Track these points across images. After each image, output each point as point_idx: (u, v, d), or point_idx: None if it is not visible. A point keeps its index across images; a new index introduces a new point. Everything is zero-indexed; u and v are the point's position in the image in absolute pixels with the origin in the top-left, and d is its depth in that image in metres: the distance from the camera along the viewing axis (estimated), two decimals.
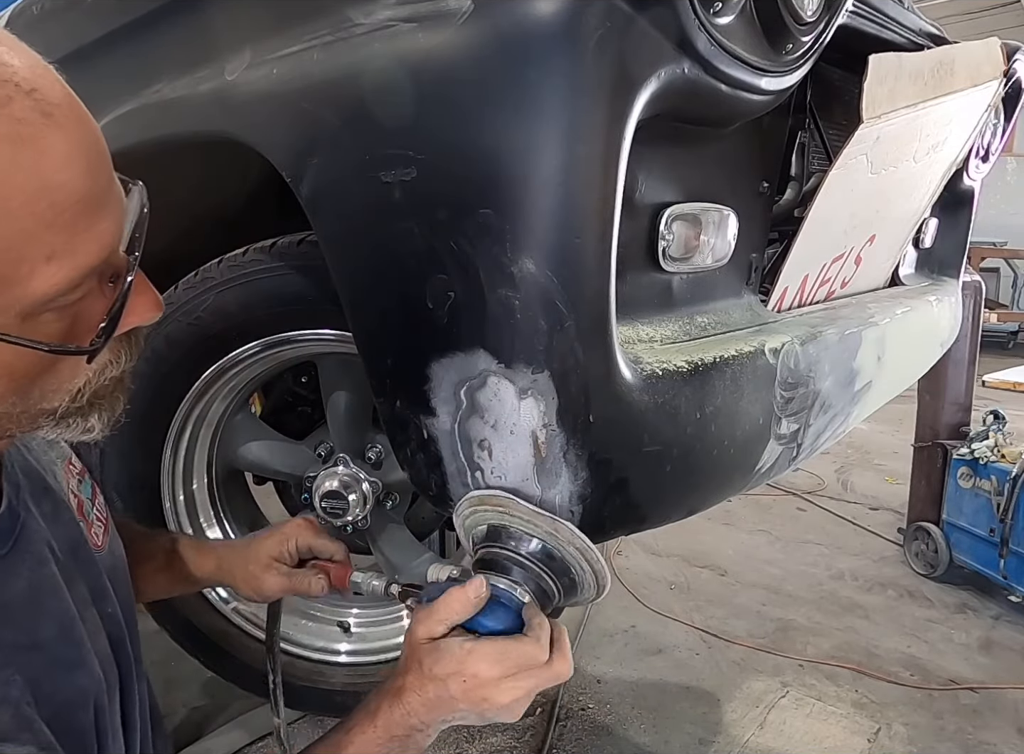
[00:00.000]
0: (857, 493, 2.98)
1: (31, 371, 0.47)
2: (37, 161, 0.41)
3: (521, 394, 0.73)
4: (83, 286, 0.46)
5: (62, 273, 0.43)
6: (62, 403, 0.50)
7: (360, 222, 0.78)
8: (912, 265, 1.68)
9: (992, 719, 1.61)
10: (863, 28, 1.03)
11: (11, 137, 0.40)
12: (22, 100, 0.41)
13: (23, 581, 0.53)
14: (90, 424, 0.53)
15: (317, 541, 0.91)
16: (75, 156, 0.43)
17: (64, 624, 0.55)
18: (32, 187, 0.41)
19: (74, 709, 0.53)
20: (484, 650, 0.64)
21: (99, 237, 0.45)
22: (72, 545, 0.62)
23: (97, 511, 0.70)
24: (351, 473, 1.28)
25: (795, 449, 0.99)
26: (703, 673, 1.76)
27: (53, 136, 0.42)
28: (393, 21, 0.72)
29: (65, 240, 0.43)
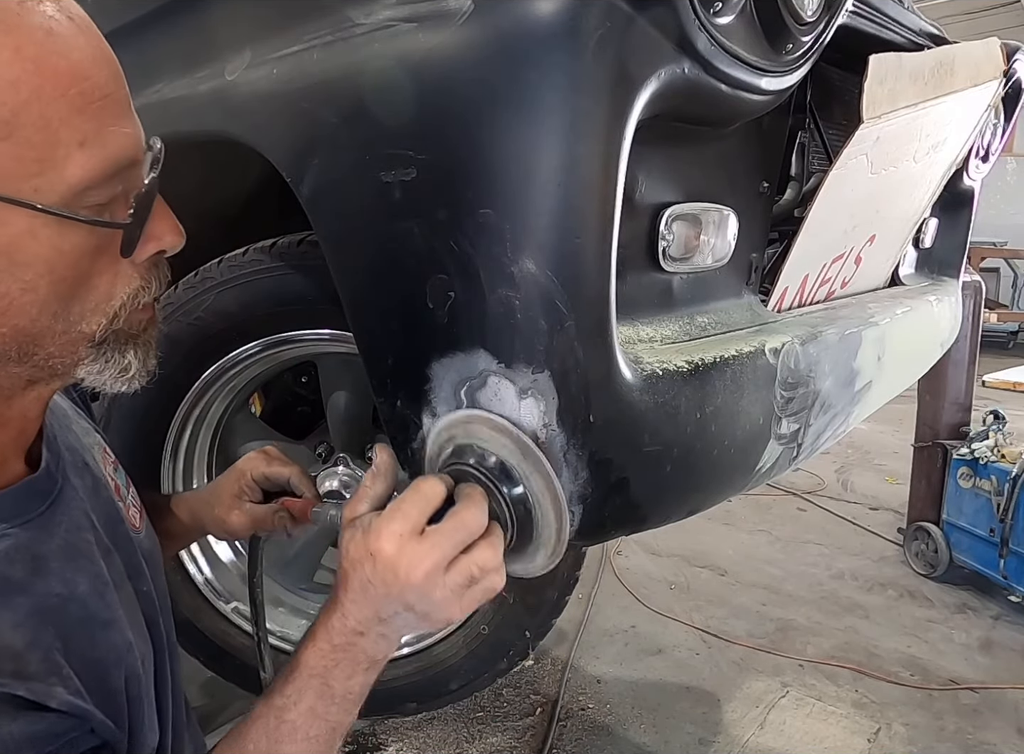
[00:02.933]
0: (857, 493, 2.98)
1: (72, 267, 0.48)
2: (68, 52, 0.45)
3: (521, 394, 0.73)
4: (111, 185, 0.48)
5: (94, 161, 0.46)
6: (100, 325, 0.52)
7: (360, 222, 0.78)
8: (912, 265, 1.68)
9: (992, 719, 1.61)
10: (863, 28, 1.03)
11: (45, 28, 0.44)
12: (51, 2, 0.45)
13: (59, 540, 0.54)
14: (127, 361, 0.55)
15: (270, 469, 0.89)
16: (102, 60, 0.47)
17: (97, 586, 0.55)
18: (65, 73, 0.45)
19: (106, 667, 0.53)
20: (389, 517, 0.57)
21: (125, 137, 0.49)
22: (110, 521, 0.62)
23: (132, 498, 0.71)
24: (351, 473, 1.28)
25: (795, 449, 0.99)
26: (703, 673, 1.76)
27: (81, 36, 0.46)
28: (393, 21, 0.72)
29: (95, 129, 0.46)
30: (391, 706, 1.44)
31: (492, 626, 1.32)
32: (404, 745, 1.49)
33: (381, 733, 1.52)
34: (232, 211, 1.19)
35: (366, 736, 1.51)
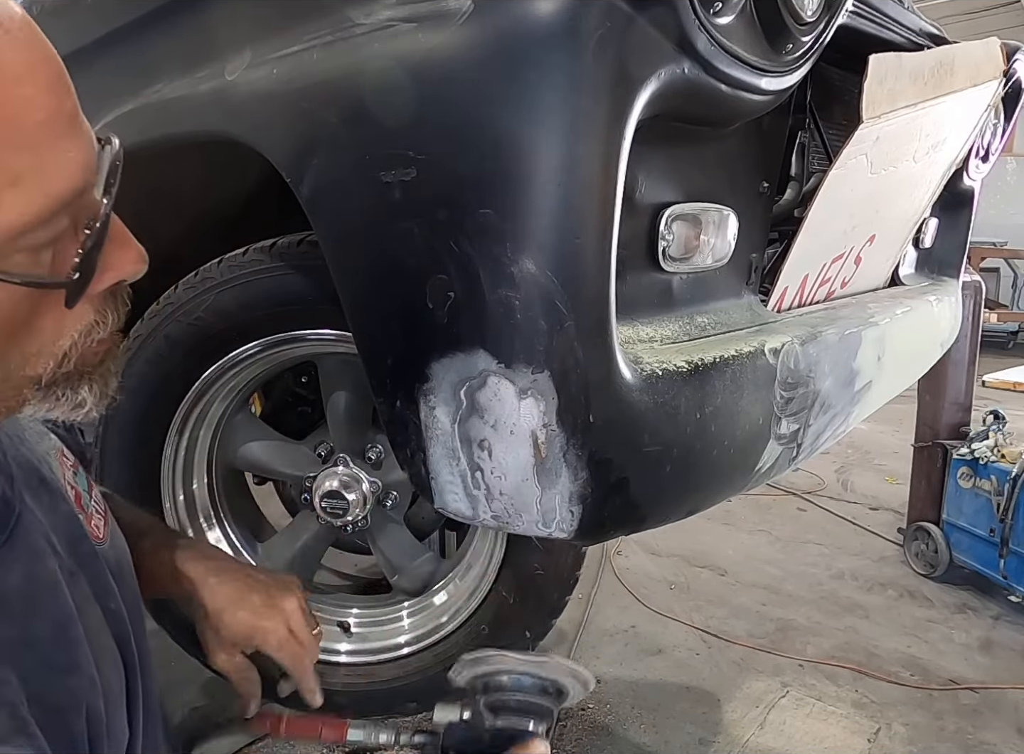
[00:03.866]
0: (857, 493, 2.98)
1: (8, 317, 0.42)
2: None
3: (521, 394, 0.73)
4: (55, 222, 0.42)
5: (30, 201, 0.39)
6: (47, 369, 0.46)
7: (360, 222, 0.78)
8: (912, 265, 1.68)
9: (992, 719, 1.61)
10: (863, 28, 1.03)
11: None
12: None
13: (18, 576, 0.50)
14: (80, 397, 0.49)
15: (293, 674, 0.79)
16: (36, 71, 0.40)
17: (60, 623, 0.52)
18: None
19: (65, 714, 0.50)
20: None
21: (70, 164, 0.41)
22: (72, 538, 0.59)
23: (95, 503, 0.66)
24: (351, 473, 1.28)
25: (795, 449, 0.99)
26: (703, 673, 1.75)
27: (10, 49, 0.38)
28: (393, 21, 0.72)
29: (31, 163, 0.39)
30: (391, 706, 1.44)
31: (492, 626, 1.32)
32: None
33: None
34: (232, 211, 1.19)
35: None
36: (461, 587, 1.37)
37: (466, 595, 1.35)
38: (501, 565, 1.28)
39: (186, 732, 0.79)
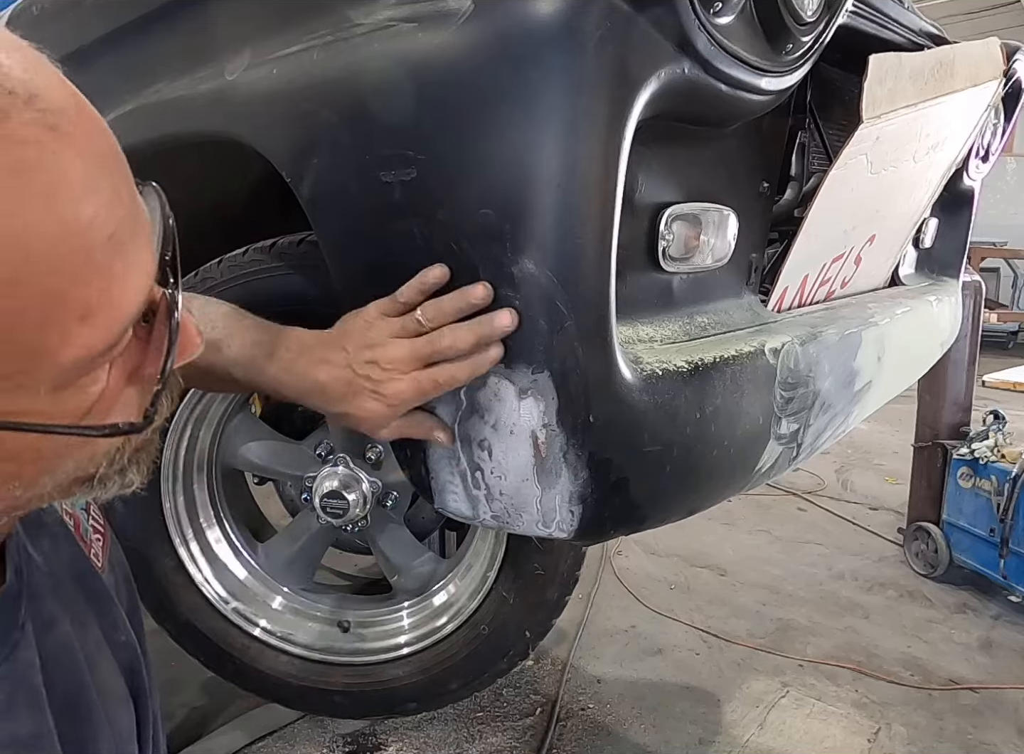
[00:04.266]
0: (857, 493, 2.98)
1: (64, 451, 0.39)
2: (52, 194, 0.31)
3: (521, 394, 0.73)
4: (124, 338, 0.37)
5: (101, 331, 0.34)
6: (99, 469, 0.43)
7: (360, 222, 0.78)
8: (912, 265, 1.68)
9: (992, 719, 1.61)
10: (863, 28, 1.03)
11: (14, 167, 0.30)
12: (21, 113, 0.31)
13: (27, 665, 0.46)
14: (128, 479, 0.45)
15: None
16: (97, 177, 0.34)
17: (72, 699, 0.49)
18: (51, 231, 0.31)
19: None
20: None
21: (139, 274, 0.36)
22: (78, 578, 0.56)
23: (93, 523, 0.64)
24: (351, 473, 1.28)
25: (795, 449, 0.99)
26: (703, 673, 1.76)
27: (66, 156, 0.32)
28: (393, 21, 0.72)
29: (101, 289, 0.34)
30: (391, 706, 1.44)
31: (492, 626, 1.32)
32: (404, 745, 1.49)
33: (381, 733, 1.52)
34: (232, 211, 1.19)
35: (366, 736, 1.51)
36: (461, 587, 1.37)
37: (466, 595, 1.35)
38: (501, 565, 1.28)
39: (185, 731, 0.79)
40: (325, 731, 1.52)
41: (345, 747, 1.49)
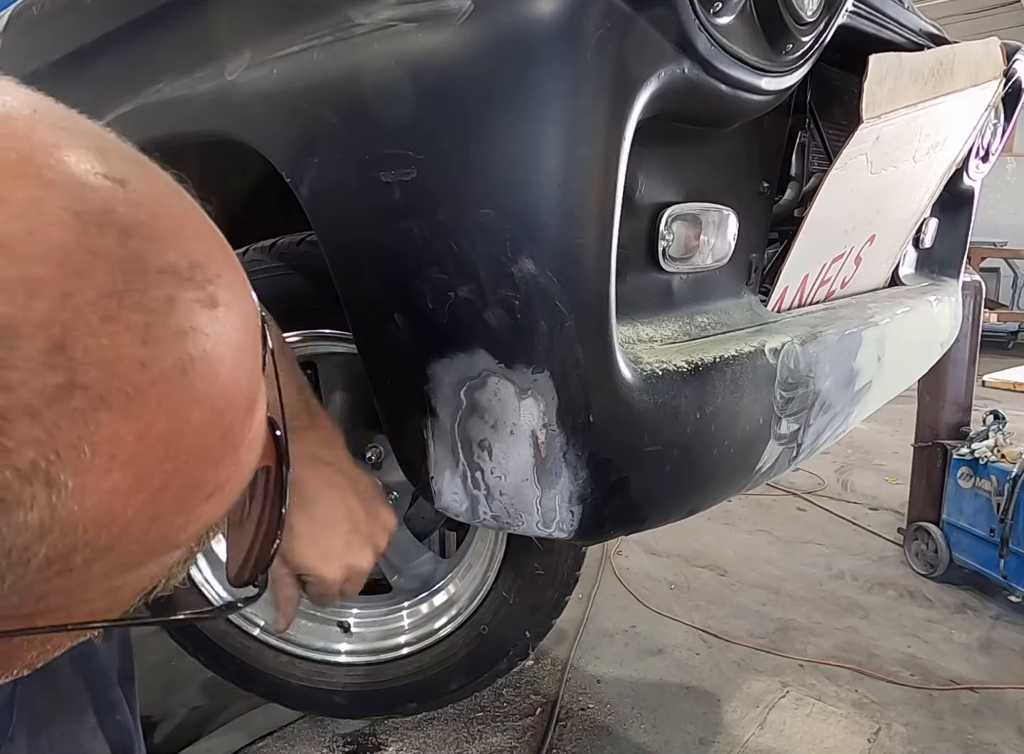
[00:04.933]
0: (857, 493, 2.98)
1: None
2: (211, 385, 0.27)
3: (521, 394, 0.73)
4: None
5: (224, 503, 0.31)
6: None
7: (360, 222, 0.78)
8: (912, 265, 1.68)
9: (992, 719, 1.61)
10: (863, 28, 1.03)
11: (181, 366, 0.26)
12: (185, 292, 0.26)
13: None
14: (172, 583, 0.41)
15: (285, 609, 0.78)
16: (245, 348, 0.30)
17: None
18: (204, 424, 0.28)
19: None
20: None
21: (260, 429, 0.33)
22: (75, 660, 0.54)
23: None
24: None
25: (795, 449, 0.99)
26: (703, 673, 1.76)
27: (224, 335, 0.28)
28: (393, 21, 0.72)
29: (232, 464, 0.30)
30: (391, 706, 1.44)
31: (492, 626, 1.32)
32: (404, 745, 1.49)
33: (381, 733, 1.52)
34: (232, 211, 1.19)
35: (366, 736, 1.51)
36: (461, 587, 1.37)
37: (466, 595, 1.35)
38: (501, 565, 1.28)
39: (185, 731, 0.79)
40: (325, 731, 1.52)
41: (345, 747, 1.49)
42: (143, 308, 0.24)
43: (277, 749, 1.48)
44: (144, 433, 0.25)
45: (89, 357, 0.23)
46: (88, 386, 0.23)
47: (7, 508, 0.23)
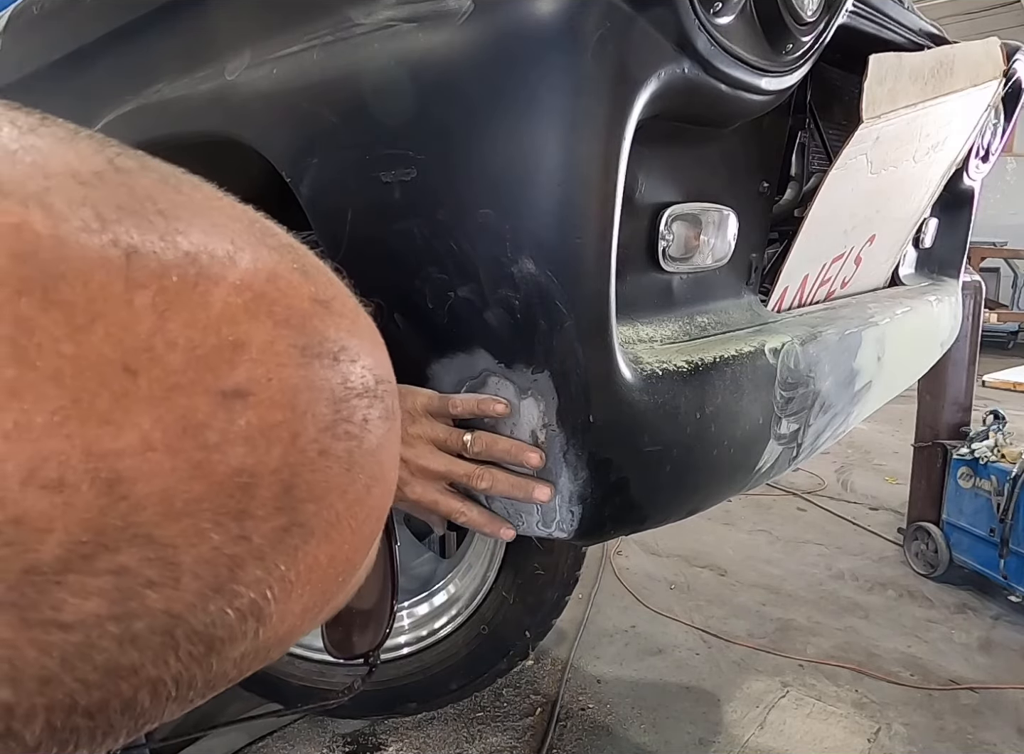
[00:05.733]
0: (857, 493, 2.98)
1: None
2: (385, 491, 0.28)
3: (521, 394, 0.73)
4: None
5: (354, 589, 0.33)
6: None
7: (360, 222, 0.78)
8: (912, 265, 1.68)
9: (992, 719, 1.61)
10: (863, 28, 1.03)
11: (368, 485, 0.26)
12: (374, 409, 0.25)
13: None
14: None
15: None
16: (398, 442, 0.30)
17: None
18: (373, 531, 0.29)
19: None
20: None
21: None
22: None
23: None
24: None
25: (795, 449, 0.99)
26: (703, 673, 1.76)
27: (393, 441, 0.28)
28: (393, 21, 0.72)
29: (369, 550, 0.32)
30: (391, 706, 1.44)
31: (492, 626, 1.32)
32: (404, 745, 1.49)
33: (381, 733, 1.52)
34: None
35: (366, 736, 1.51)
36: (461, 587, 1.37)
37: (466, 595, 1.35)
38: (501, 565, 1.28)
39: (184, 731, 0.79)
40: (325, 731, 1.52)
41: (345, 747, 1.49)
42: (348, 435, 0.24)
43: (277, 749, 1.48)
44: (335, 556, 0.25)
45: (308, 494, 0.23)
46: (304, 523, 0.23)
47: (223, 648, 0.23)
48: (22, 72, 1.13)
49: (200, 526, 0.21)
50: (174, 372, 0.21)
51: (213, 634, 0.22)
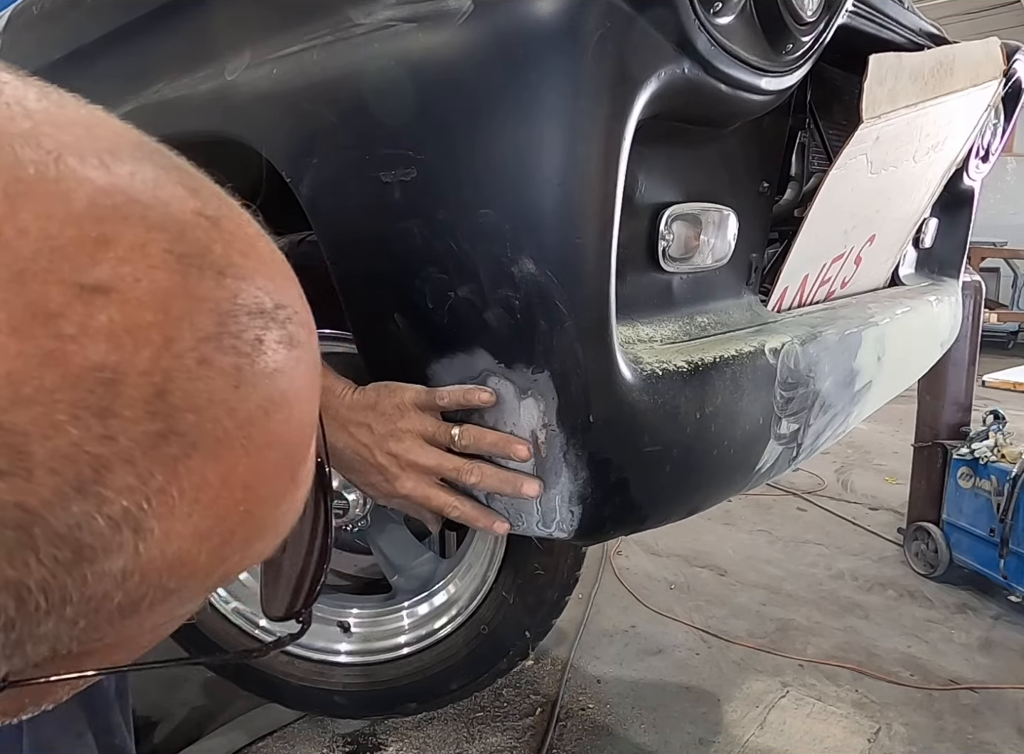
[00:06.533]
0: (857, 493, 2.98)
1: None
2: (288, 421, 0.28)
3: (521, 394, 0.73)
4: None
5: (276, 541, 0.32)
6: None
7: (360, 222, 0.79)
8: (912, 265, 1.68)
9: (992, 719, 1.61)
10: (863, 28, 1.03)
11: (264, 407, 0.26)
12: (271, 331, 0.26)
13: None
14: None
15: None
16: (314, 384, 0.31)
17: None
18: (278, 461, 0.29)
19: None
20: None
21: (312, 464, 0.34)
22: (82, 696, 0.54)
23: None
24: None
25: (795, 449, 0.99)
26: (703, 673, 1.75)
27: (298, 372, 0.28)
28: (393, 21, 0.72)
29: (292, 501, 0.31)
30: (391, 706, 1.44)
31: (492, 626, 1.32)
32: (404, 745, 1.49)
33: (381, 733, 1.52)
34: None
35: (366, 736, 1.51)
36: (461, 587, 1.37)
37: (466, 595, 1.35)
38: (501, 565, 1.28)
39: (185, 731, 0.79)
40: (325, 731, 1.52)
41: (345, 747, 1.49)
42: (235, 351, 0.24)
43: (277, 749, 1.48)
44: (227, 477, 0.25)
45: (186, 403, 0.23)
46: (183, 432, 0.23)
47: (95, 557, 0.22)
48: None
49: (54, 418, 0.20)
50: (23, 258, 0.20)
51: (80, 539, 0.21)
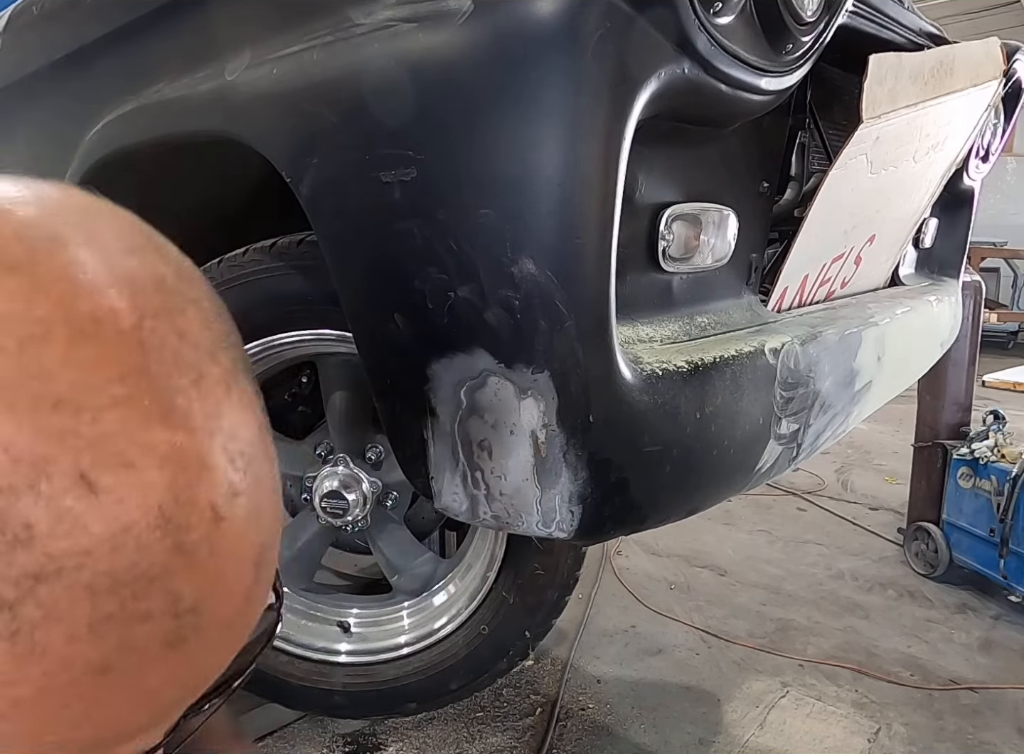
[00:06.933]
0: (857, 493, 2.98)
1: None
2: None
3: (521, 394, 0.73)
4: None
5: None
6: None
7: (360, 222, 0.78)
8: (912, 265, 1.68)
9: (992, 719, 1.61)
10: (863, 28, 1.03)
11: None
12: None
13: None
14: None
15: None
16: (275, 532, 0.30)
17: None
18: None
19: None
20: None
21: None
22: None
23: None
24: (351, 473, 1.28)
25: (795, 449, 0.99)
26: (703, 673, 1.75)
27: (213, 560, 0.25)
28: (393, 21, 0.72)
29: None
30: (391, 706, 1.44)
31: (492, 626, 1.32)
32: (404, 745, 1.49)
33: (381, 733, 1.52)
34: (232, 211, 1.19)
35: (366, 736, 1.51)
36: (461, 587, 1.37)
37: (466, 595, 1.35)
38: (501, 565, 1.28)
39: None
40: (325, 731, 1.52)
41: (345, 747, 1.49)
42: None
43: (277, 749, 1.48)
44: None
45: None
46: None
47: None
48: (22, 72, 1.13)
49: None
50: None
51: None
